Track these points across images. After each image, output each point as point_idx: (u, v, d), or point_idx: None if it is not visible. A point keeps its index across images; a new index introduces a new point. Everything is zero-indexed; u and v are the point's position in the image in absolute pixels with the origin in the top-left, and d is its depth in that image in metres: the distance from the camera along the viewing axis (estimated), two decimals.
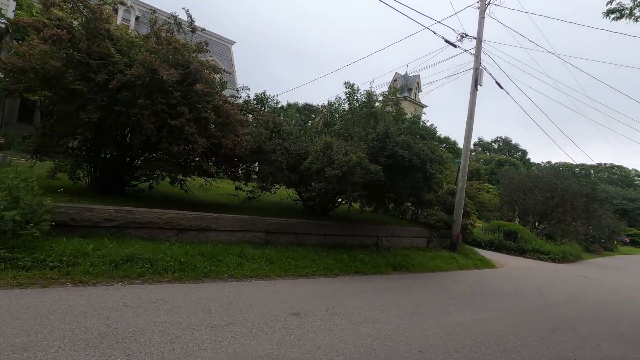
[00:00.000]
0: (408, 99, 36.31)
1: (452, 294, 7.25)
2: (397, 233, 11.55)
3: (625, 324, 6.96)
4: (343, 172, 7.50)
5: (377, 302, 5.78)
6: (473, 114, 13.50)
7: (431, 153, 9.66)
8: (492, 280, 9.77)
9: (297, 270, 6.93)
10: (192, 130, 6.71)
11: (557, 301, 8.18)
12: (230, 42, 22.94)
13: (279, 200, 11.14)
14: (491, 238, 18.27)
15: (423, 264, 9.90)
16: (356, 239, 10.30)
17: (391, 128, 9.04)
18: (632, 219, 53.15)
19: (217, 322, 3.92)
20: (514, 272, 12.25)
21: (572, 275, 13.65)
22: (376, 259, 8.87)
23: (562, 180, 21.15)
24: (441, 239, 13.26)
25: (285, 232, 8.67)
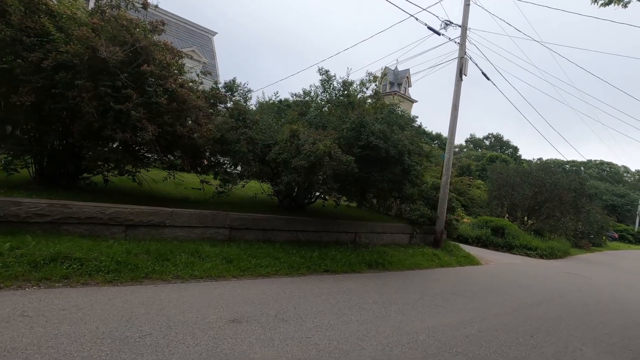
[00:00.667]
0: (398, 93, 35.79)
1: (427, 293, 6.71)
2: (377, 229, 11.01)
3: (611, 324, 6.49)
4: (310, 162, 6.91)
5: (339, 304, 5.22)
6: (458, 105, 13.00)
7: (410, 144, 9.11)
8: (474, 279, 9.28)
9: (258, 269, 6.33)
10: (138, 116, 6.06)
11: (540, 300, 7.70)
12: (211, 33, 22.15)
13: (254, 195, 10.53)
14: (478, 234, 17.86)
15: (402, 261, 9.37)
16: (332, 236, 9.73)
17: (366, 117, 8.45)
18: (621, 214, 53.50)
19: (131, 333, 3.31)
20: (498, 269, 11.80)
21: (559, 271, 13.26)
22: (350, 257, 8.31)
23: (551, 175, 20.81)
24: (424, 236, 12.75)
25: (252, 228, 8.06)
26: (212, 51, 21.75)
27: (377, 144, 8.07)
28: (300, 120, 9.85)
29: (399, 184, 9.84)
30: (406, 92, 36.99)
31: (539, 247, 17.31)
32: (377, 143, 8.08)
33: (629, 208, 53.91)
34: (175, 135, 7.00)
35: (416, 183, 10.77)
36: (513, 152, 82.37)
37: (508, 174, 21.94)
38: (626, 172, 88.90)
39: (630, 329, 6.39)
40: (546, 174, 20.90)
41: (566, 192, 20.22)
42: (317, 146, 6.83)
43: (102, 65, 6.08)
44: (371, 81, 10.35)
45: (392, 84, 36.45)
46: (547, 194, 20.41)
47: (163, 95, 6.39)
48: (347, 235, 10.14)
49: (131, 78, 6.46)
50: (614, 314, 7.38)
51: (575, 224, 26.87)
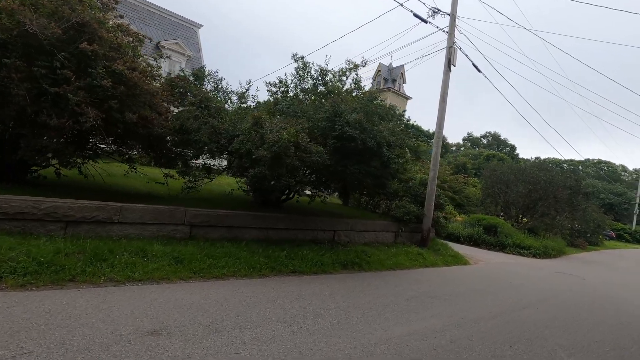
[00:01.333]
0: (392, 90, 35.19)
1: (401, 296, 6.11)
2: (358, 227, 10.39)
3: (602, 330, 5.90)
4: (274, 152, 6.29)
5: (294, 310, 4.61)
6: (446, 97, 12.39)
7: (391, 136, 8.49)
8: (459, 280, 8.68)
9: (212, 270, 5.72)
10: (77, 100, 5.44)
11: (527, 302, 7.11)
12: (197, 26, 21.49)
13: (230, 191, 9.90)
14: (470, 233, 17.26)
15: (381, 261, 8.77)
16: (308, 234, 9.12)
17: (342, 106, 7.84)
18: (619, 213, 53.05)
19: (4, 352, 2.69)
20: (488, 269, 11.20)
21: (552, 272, 12.68)
22: (324, 257, 7.70)
23: (545, 173, 20.20)
24: (411, 234, 12.15)
25: (216, 226, 7.45)
26: (198, 44, 21.09)
27: (352, 135, 7.46)
28: (274, 110, 9.25)
29: (381, 179, 9.24)
30: (401, 89, 36.39)
31: (532, 246, 16.72)
32: (352, 133, 7.47)
33: (626, 207, 53.44)
34: (127, 124, 6.37)
35: (400, 178, 10.17)
36: (510, 151, 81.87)
37: (502, 171, 21.34)
38: (624, 171, 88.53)
39: (623, 335, 5.81)
40: (541, 172, 20.29)
41: (561, 190, 19.64)
42: (280, 134, 6.20)
43: (36, 43, 5.45)
44: (351, 69, 9.74)
45: (387, 81, 35.84)
46: (541, 191, 19.83)
47: (104, 76, 5.74)
48: (325, 234, 9.53)
49: (74, 59, 5.85)
50: (607, 317, 6.79)
51: (571, 222, 26.30)
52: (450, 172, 37.18)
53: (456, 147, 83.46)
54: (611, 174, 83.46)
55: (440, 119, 12.33)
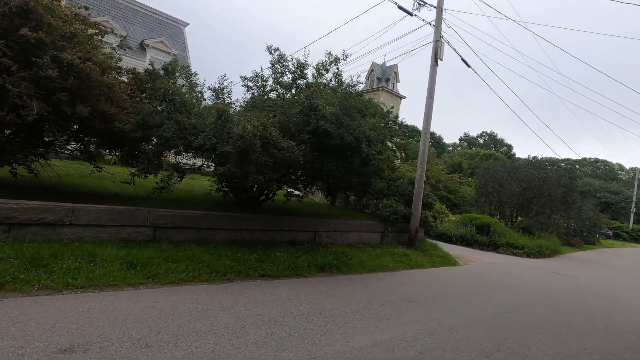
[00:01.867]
0: (385, 89, 34.83)
1: (375, 301, 5.67)
2: (342, 228, 9.96)
3: (594, 335, 5.47)
4: (239, 148, 5.85)
5: (249, 319, 4.16)
6: (433, 92, 11.99)
7: (371, 131, 8.07)
8: (444, 282, 8.25)
9: (169, 276, 5.27)
10: (18, 91, 4.99)
11: (515, 305, 6.68)
12: (182, 24, 21.04)
13: (207, 191, 9.44)
14: (462, 232, 16.84)
15: (363, 263, 8.33)
16: (286, 235, 8.68)
17: (317, 99, 7.41)
18: (615, 212, 52.80)
19: None
20: (478, 270, 10.77)
21: (545, 272, 12.26)
22: (299, 259, 7.26)
23: (539, 171, 19.81)
24: (398, 234, 11.72)
25: (183, 227, 7.00)
26: (184, 42, 20.65)
27: (327, 129, 7.04)
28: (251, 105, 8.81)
29: (365, 177, 8.83)
30: (394, 88, 36.04)
31: (525, 245, 16.31)
32: (327, 128, 7.04)
33: (623, 205, 53.22)
34: (82, 119, 5.92)
35: (383, 176, 9.74)
36: (507, 151, 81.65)
37: (495, 170, 20.95)
38: (621, 170, 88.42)
39: (616, 340, 5.38)
40: (535, 170, 19.90)
41: (555, 188, 19.26)
42: (244, 127, 5.76)
43: None
44: (332, 63, 9.31)
45: (380, 80, 35.49)
46: (535, 190, 19.44)
47: (54, 67, 5.30)
48: (306, 235, 9.09)
49: (18, 47, 5.41)
50: (601, 320, 6.36)
51: (567, 221, 25.94)
52: (445, 171, 36.84)
53: (452, 147, 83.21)
54: (608, 172, 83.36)
55: (428, 115, 11.92)
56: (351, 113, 8.18)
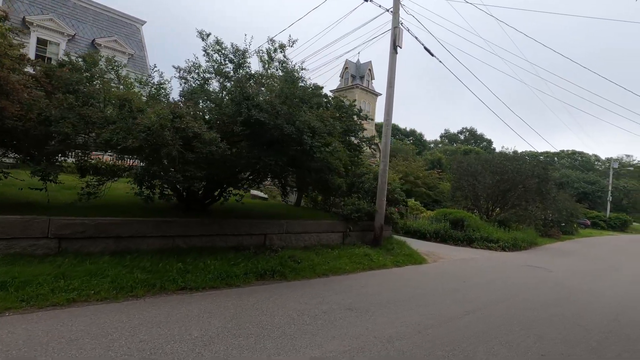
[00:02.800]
0: (359, 86, 34.33)
1: (309, 312, 4.90)
2: (297, 229, 9.17)
3: (556, 337, 4.84)
4: (146, 141, 5.01)
5: (123, 349, 3.33)
6: (393, 82, 11.37)
7: (317, 121, 7.33)
8: (402, 283, 7.55)
9: (55, 296, 4.38)
10: None
11: (474, 307, 6.02)
12: (139, 22, 19.95)
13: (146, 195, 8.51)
14: (436, 228, 16.29)
15: (314, 267, 7.56)
16: (230, 240, 7.84)
17: (249, 88, 6.63)
18: (593, 201, 53.73)
19: None
20: (445, 267, 10.15)
21: (518, 265, 11.76)
22: (235, 267, 6.44)
23: (512, 162, 19.50)
24: (362, 233, 11.02)
25: (98, 237, 6.10)
26: (141, 42, 19.56)
27: (259, 119, 6.25)
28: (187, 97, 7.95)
29: (316, 173, 8.10)
30: (369, 85, 35.58)
31: (500, 239, 15.87)
32: (259, 117, 6.25)
33: (600, 195, 54.21)
34: None
35: (338, 171, 9.00)
36: (487, 146, 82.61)
37: (469, 163, 20.56)
38: (597, 161, 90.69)
39: (579, 342, 4.76)
40: (508, 161, 19.59)
41: (529, 179, 18.96)
42: (148, 116, 4.93)
43: None
44: (277, 50, 8.54)
45: (354, 77, 34.98)
46: (510, 181, 19.09)
47: None
48: (254, 239, 8.27)
49: None
50: (565, 319, 5.76)
51: (544, 212, 25.85)
52: (424, 168, 36.60)
53: (434, 144, 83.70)
54: (585, 163, 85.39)
55: (389, 106, 11.29)
56: (295, 103, 7.44)
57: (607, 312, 6.57)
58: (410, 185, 33.88)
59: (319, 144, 7.09)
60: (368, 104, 35.39)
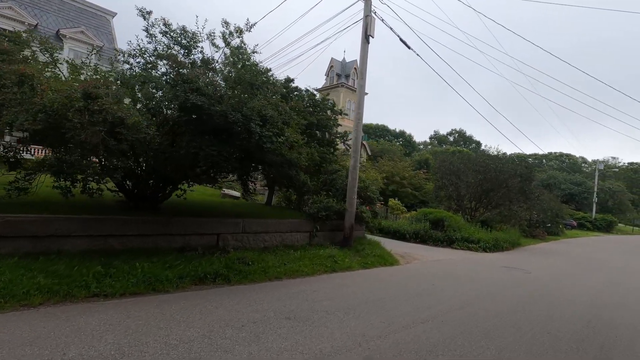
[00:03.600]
0: (345, 85, 33.77)
1: (235, 324, 4.21)
2: (256, 228, 8.48)
3: (517, 351, 4.23)
4: (43, 122, 4.29)
5: None
6: (365, 73, 10.77)
7: (271, 109, 6.67)
8: (364, 287, 6.91)
9: None
10: None
11: (434, 313, 5.40)
12: (110, 14, 19.09)
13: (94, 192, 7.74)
14: (416, 228, 15.73)
15: (268, 269, 6.87)
16: (177, 240, 7.12)
17: (191, 70, 5.94)
18: (579, 202, 53.98)
19: None
20: (417, 269, 9.55)
21: (496, 266, 11.23)
22: (170, 270, 5.73)
23: (495, 161, 19.06)
24: (332, 233, 10.37)
25: (6, 237, 5.32)
26: (111, 34, 18.69)
27: (196, 103, 5.57)
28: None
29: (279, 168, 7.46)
30: (355, 84, 34.99)
31: (481, 239, 15.36)
32: (196, 101, 5.57)
33: (586, 196, 54.49)
34: None
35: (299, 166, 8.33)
36: (476, 147, 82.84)
37: (452, 162, 20.08)
38: (584, 163, 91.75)
39: (544, 354, 4.15)
40: (490, 160, 19.15)
41: (512, 178, 18.56)
42: (46, 95, 4.20)
43: None
44: (233, 34, 7.86)
45: (340, 76, 34.41)
46: (493, 181, 18.65)
47: None
48: (204, 239, 7.55)
49: None
50: (534, 326, 5.16)
51: (530, 212, 25.54)
52: (410, 168, 36.15)
53: (423, 145, 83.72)
54: (572, 165, 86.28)
55: (360, 99, 10.68)
56: (246, 89, 6.78)
57: (581, 315, 6.02)
58: (396, 186, 33.41)
59: (270, 134, 6.42)
60: (353, 102, 34.82)
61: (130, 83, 6.52)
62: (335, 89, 33.93)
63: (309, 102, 12.48)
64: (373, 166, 35.33)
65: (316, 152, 11.75)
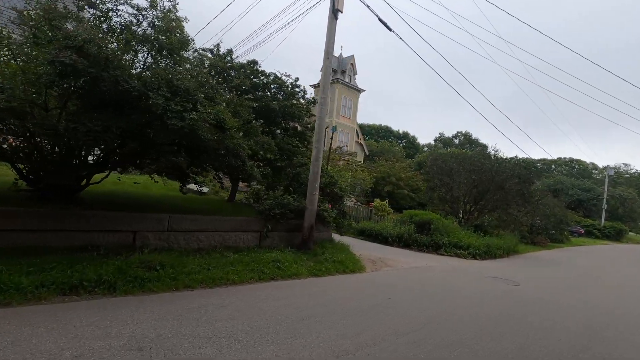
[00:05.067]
0: (341, 81, 32.49)
1: (64, 355, 2.96)
2: (187, 226, 7.23)
3: None
4: None
5: None
6: (331, 52, 9.53)
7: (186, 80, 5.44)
8: (298, 300, 5.60)
9: None
10: None
11: (361, 341, 4.08)
12: None
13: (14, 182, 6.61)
14: (400, 232, 14.34)
15: (179, 276, 5.61)
16: (78, 238, 5.92)
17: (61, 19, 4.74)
18: (588, 209, 51.83)
19: None
20: (383, 278, 8.20)
21: (481, 276, 9.82)
22: (27, 277, 4.49)
23: (490, 160, 17.53)
24: (290, 235, 9.08)
25: None
26: None
27: (65, 62, 4.35)
28: None
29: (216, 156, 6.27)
30: (351, 81, 33.73)
31: (471, 245, 13.91)
32: (66, 60, 4.35)
33: (595, 202, 52.32)
34: None
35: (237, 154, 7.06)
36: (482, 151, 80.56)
37: (444, 160, 18.60)
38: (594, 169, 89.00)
39: None
40: (485, 159, 17.63)
41: (510, 179, 17.05)
42: None
43: None
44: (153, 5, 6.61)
45: (335, 72, 33.11)
46: (488, 182, 17.17)
47: None
48: (117, 236, 6.33)
49: None
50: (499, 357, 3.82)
51: (532, 217, 23.93)
52: (408, 170, 34.66)
53: (427, 147, 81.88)
54: (582, 171, 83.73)
55: (325, 81, 9.40)
56: (155, 47, 5.56)
57: (568, 342, 4.65)
58: (392, 187, 31.98)
59: (179, 109, 5.17)
60: (350, 99, 33.55)
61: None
62: (331, 85, 32.68)
63: (274, 87, 11.24)
64: (369, 166, 33.97)
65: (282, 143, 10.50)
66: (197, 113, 5.29)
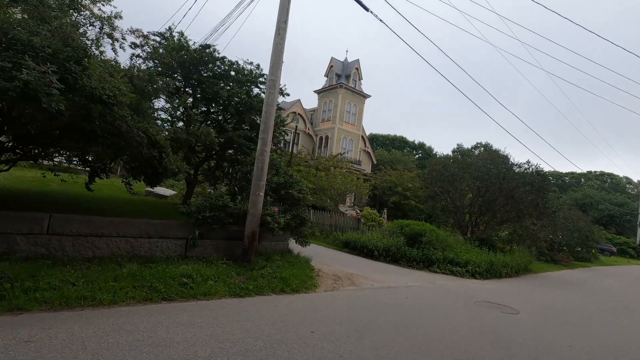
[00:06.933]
0: (345, 86, 31.05)
1: None
2: (78, 229, 5.80)
3: None
4: None
5: None
6: (284, 27, 8.02)
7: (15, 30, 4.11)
8: (175, 334, 4.00)
9: None
10: None
11: None
12: None
13: None
14: (387, 244, 12.47)
15: (20, 294, 4.15)
16: None
17: None
18: (620, 225, 47.55)
19: None
20: (330, 303, 6.45)
21: (469, 302, 7.88)
22: None
23: (497, 165, 15.36)
24: (230, 243, 7.53)
25: None
26: None
27: None
28: None
29: (119, 144, 4.95)
30: (356, 86, 32.24)
31: (470, 261, 11.86)
32: None
33: (628, 218, 47.96)
34: None
35: (140, 143, 5.59)
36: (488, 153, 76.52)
37: (445, 165, 16.58)
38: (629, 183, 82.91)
39: None
40: (492, 164, 15.51)
41: (520, 187, 14.88)
42: None
43: None
44: None
45: (340, 77, 31.77)
46: (495, 190, 15.05)
47: None
48: None
49: None
50: None
51: (552, 232, 21.34)
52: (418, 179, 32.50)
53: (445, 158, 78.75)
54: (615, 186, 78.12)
55: (276, 61, 7.89)
56: None
57: None
58: (398, 198, 29.91)
59: (8, 65, 3.79)
60: (354, 105, 32.00)
61: None
62: (334, 90, 31.34)
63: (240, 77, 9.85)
64: (372, 175, 32.13)
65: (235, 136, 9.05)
66: (38, 71, 3.89)
